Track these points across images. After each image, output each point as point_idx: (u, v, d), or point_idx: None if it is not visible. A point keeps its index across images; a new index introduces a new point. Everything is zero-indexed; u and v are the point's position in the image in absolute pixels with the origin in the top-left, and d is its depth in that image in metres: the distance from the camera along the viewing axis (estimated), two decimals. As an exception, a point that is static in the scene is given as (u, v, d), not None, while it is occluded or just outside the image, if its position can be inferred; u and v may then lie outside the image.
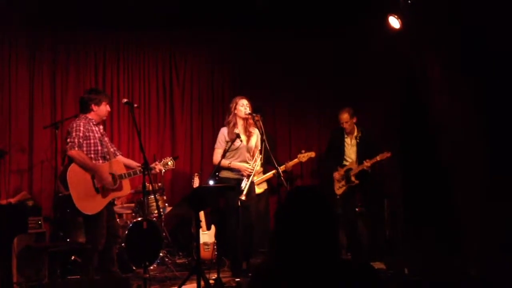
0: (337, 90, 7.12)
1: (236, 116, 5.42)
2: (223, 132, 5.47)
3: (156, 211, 5.83)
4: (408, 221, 6.20)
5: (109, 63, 6.87)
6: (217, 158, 5.34)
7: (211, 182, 5.06)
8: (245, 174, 5.32)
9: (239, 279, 5.11)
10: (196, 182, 6.18)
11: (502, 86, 4.76)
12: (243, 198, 5.12)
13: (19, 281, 5.06)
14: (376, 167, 6.40)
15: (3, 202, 5.54)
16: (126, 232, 5.61)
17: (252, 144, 5.48)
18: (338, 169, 6.26)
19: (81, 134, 4.71)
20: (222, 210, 5.62)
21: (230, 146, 5.30)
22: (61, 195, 4.83)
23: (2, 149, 5.96)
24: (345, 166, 6.23)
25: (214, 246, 6.01)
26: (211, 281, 4.58)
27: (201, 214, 5.84)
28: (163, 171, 5.23)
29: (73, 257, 5.40)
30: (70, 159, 4.72)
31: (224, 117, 5.73)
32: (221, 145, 5.44)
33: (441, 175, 5.65)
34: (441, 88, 5.64)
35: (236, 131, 5.34)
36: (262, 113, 5.85)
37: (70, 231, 5.55)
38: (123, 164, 5.00)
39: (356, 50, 6.79)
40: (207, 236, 6.07)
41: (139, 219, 5.72)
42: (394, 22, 5.91)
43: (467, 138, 5.18)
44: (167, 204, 6.18)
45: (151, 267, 5.64)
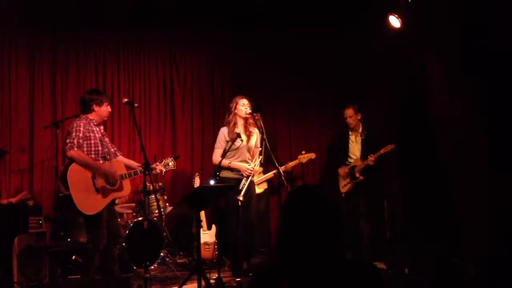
0: (337, 90, 7.13)
1: (237, 116, 5.42)
2: (223, 132, 5.47)
3: (157, 211, 5.83)
4: (408, 221, 6.21)
5: (109, 63, 6.87)
6: (217, 158, 5.35)
7: (211, 182, 5.06)
8: (245, 174, 5.32)
9: (239, 279, 5.11)
10: (197, 182, 6.18)
11: (502, 85, 4.76)
12: (240, 199, 5.12)
13: (20, 281, 5.06)
14: (378, 165, 6.40)
15: (4, 201, 5.54)
16: (127, 232, 5.61)
17: (252, 143, 5.48)
18: (342, 167, 6.31)
19: (80, 134, 4.70)
20: (222, 210, 5.62)
21: (230, 146, 5.29)
22: (61, 195, 4.82)
23: (2, 148, 5.95)
24: (349, 163, 6.27)
25: (214, 246, 6.03)
26: (211, 281, 4.58)
27: (202, 213, 5.85)
28: (164, 171, 5.24)
29: (73, 257, 5.39)
30: (70, 159, 4.71)
31: (224, 117, 5.73)
32: (221, 145, 5.44)
33: (441, 174, 5.65)
34: (441, 87, 5.64)
35: (236, 130, 5.34)
36: (262, 113, 5.86)
37: (70, 230, 5.54)
38: (123, 165, 4.99)
39: (356, 50, 6.80)
40: (207, 236, 6.07)
41: (140, 218, 5.72)
42: (395, 22, 5.92)
43: (467, 137, 5.18)
44: (167, 204, 6.19)
45: (152, 267, 5.66)
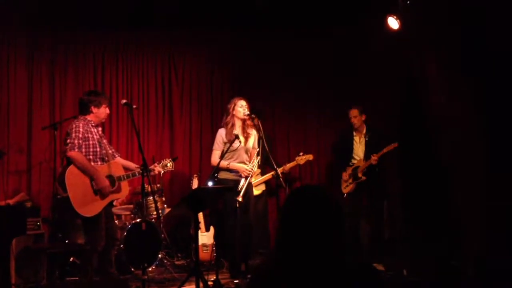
0: (337, 90, 7.11)
1: (235, 117, 5.40)
2: (221, 133, 5.44)
3: (155, 212, 5.81)
4: (408, 222, 6.19)
5: (107, 64, 6.86)
6: (215, 159, 5.33)
7: (210, 183, 5.05)
8: (244, 175, 5.30)
9: (237, 281, 5.10)
10: (195, 183, 6.17)
11: (502, 86, 4.74)
12: (239, 200, 5.11)
13: (18, 283, 5.06)
14: (381, 164, 6.38)
15: (2, 203, 5.55)
16: (125, 234, 5.58)
17: (250, 145, 5.46)
18: (346, 169, 6.30)
19: (80, 135, 4.69)
20: (220, 212, 5.61)
21: (229, 147, 5.27)
22: (59, 197, 4.82)
23: (1, 149, 5.94)
24: (353, 165, 6.28)
25: (212, 247, 6.01)
26: (209, 283, 4.57)
27: (200, 215, 5.85)
28: (162, 172, 5.22)
29: (71, 259, 5.40)
30: (68, 161, 4.70)
31: (222, 118, 5.70)
32: (219, 146, 5.42)
33: (441, 175, 5.63)
34: (441, 88, 5.61)
35: (234, 132, 5.32)
36: (259, 114, 5.82)
37: (68, 232, 5.53)
38: (121, 166, 4.97)
39: (356, 50, 6.78)
40: (205, 237, 6.05)
41: (138, 220, 5.70)
42: (393, 23, 5.90)
43: (467, 138, 5.16)
44: (166, 205, 6.17)
45: (150, 269, 5.63)
